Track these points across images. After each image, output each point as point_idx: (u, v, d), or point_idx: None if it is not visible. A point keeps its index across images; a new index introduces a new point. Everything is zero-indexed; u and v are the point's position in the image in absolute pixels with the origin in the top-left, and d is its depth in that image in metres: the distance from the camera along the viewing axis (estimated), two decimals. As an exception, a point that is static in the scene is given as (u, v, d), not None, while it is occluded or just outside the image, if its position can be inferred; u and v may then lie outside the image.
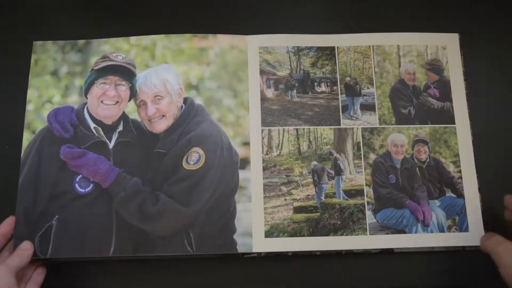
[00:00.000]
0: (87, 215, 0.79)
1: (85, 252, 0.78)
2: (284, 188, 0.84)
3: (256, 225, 0.81)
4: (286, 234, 0.81)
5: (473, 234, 0.81)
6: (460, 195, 0.84)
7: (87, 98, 0.83)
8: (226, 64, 0.89)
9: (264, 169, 0.84)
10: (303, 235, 0.81)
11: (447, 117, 0.88)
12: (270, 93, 0.88)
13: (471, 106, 0.88)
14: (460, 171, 0.85)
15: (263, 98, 0.88)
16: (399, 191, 0.84)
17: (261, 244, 0.80)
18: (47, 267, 0.78)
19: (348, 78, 0.90)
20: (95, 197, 0.80)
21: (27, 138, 0.83)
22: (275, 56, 0.90)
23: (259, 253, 0.80)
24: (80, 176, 0.80)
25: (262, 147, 0.85)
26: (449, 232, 0.82)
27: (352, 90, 0.89)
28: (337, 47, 0.91)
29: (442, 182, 0.85)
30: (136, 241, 0.79)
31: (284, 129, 0.87)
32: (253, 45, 0.90)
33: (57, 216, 0.79)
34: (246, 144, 0.85)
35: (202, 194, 0.80)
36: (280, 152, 0.86)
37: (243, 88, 0.88)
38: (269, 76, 0.89)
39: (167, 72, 0.85)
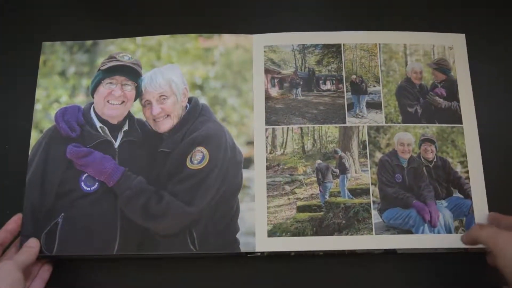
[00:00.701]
0: (92, 214, 0.80)
1: (89, 250, 0.79)
2: (287, 187, 0.83)
3: (259, 225, 0.80)
4: (289, 233, 0.80)
5: None
6: (468, 195, 0.82)
7: (93, 98, 0.85)
8: (231, 63, 0.89)
9: (268, 168, 0.84)
10: (306, 235, 0.80)
11: (454, 117, 0.86)
12: (274, 92, 0.88)
13: (477, 106, 0.86)
14: (467, 171, 0.83)
15: (268, 97, 0.87)
16: (405, 190, 0.82)
17: (264, 244, 0.79)
18: (52, 264, 0.79)
19: (354, 76, 0.89)
20: (100, 196, 0.80)
21: (34, 137, 0.84)
22: (280, 54, 0.90)
23: (262, 253, 0.80)
24: (86, 174, 0.81)
25: (266, 146, 0.85)
26: (457, 233, 0.80)
27: (358, 88, 0.88)
28: (343, 45, 0.90)
29: (450, 182, 0.83)
30: (140, 240, 0.79)
31: (288, 127, 0.86)
32: (258, 44, 0.89)
33: (63, 214, 0.80)
34: (250, 143, 0.85)
35: (206, 193, 0.80)
36: (284, 151, 0.85)
37: (247, 87, 0.87)
38: (274, 75, 0.89)
39: (172, 72, 0.86)
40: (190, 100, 0.86)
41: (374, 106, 0.87)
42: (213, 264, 0.81)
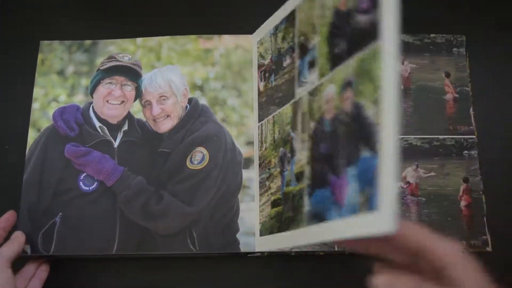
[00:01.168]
0: (90, 213, 0.79)
1: (88, 250, 0.78)
2: (267, 183, 0.79)
3: (256, 224, 0.79)
4: (267, 232, 0.76)
5: (384, 214, 0.45)
6: (375, 150, 0.48)
7: (92, 97, 0.84)
8: (231, 64, 0.89)
9: (260, 166, 0.81)
10: (273, 232, 0.72)
11: (371, 33, 0.50)
12: (262, 86, 0.84)
13: (476, 108, 0.84)
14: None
15: (259, 93, 0.84)
16: (327, 163, 0.59)
17: (258, 244, 0.78)
18: (50, 264, 0.78)
19: (302, 37, 0.70)
20: (99, 195, 0.80)
21: (32, 136, 0.83)
22: (264, 45, 0.85)
23: (262, 253, 0.80)
24: (85, 174, 0.80)
25: (258, 144, 0.83)
26: (361, 212, 0.49)
27: (304, 50, 0.70)
28: (298, 6, 0.72)
29: (362, 137, 0.51)
30: (139, 239, 0.78)
31: (267, 120, 0.80)
32: (254, 42, 0.88)
33: (60, 214, 0.79)
34: (250, 143, 0.85)
35: (206, 193, 0.80)
36: (266, 146, 0.81)
37: (247, 87, 0.87)
38: (261, 68, 0.85)
39: (172, 73, 0.86)
40: (190, 100, 0.86)
41: (312, 64, 0.67)
42: (213, 264, 0.80)
